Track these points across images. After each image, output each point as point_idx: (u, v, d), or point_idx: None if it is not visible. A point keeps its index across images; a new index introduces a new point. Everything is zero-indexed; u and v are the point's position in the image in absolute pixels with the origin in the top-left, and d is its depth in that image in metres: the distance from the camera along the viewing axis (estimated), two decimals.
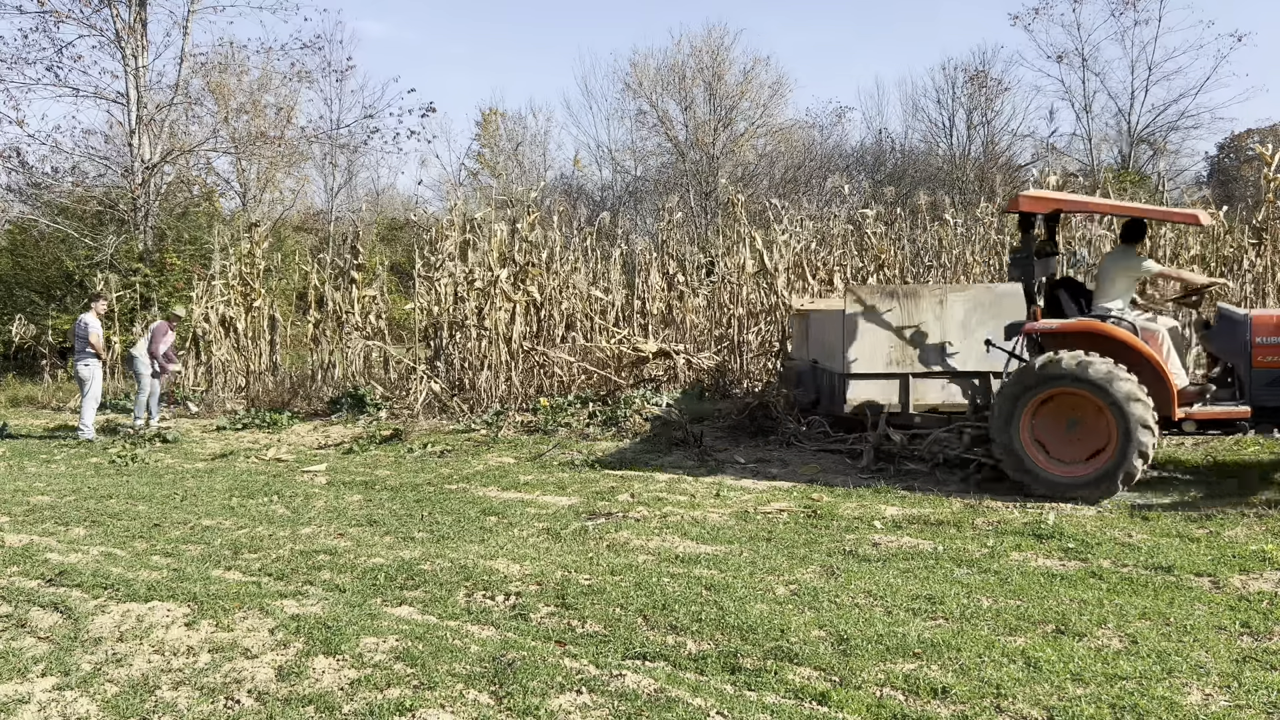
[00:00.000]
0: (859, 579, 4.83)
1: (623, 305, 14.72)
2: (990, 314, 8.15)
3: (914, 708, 3.36)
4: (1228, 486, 6.61)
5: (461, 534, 6.17)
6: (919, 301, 8.40)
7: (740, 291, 13.84)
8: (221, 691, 3.76)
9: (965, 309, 8.34)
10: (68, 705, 3.70)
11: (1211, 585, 4.57)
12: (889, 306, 8.37)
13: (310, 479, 8.54)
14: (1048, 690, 3.45)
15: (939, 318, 8.35)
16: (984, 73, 34.56)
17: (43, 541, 6.35)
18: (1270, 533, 5.42)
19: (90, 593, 5.06)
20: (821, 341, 9.49)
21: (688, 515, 6.44)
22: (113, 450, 10.54)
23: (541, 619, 4.44)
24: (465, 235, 13.63)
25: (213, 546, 6.05)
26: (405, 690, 3.67)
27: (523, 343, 12.77)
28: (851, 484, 7.24)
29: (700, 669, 3.78)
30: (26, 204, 23.07)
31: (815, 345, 9.79)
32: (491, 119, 38.98)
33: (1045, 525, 5.70)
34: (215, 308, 15.59)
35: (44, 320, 19.98)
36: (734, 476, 7.86)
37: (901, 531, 5.81)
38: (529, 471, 8.41)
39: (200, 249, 20.33)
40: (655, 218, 25.05)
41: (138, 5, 21.40)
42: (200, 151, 24.06)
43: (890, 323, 8.40)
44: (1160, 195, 22.61)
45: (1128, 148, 33.83)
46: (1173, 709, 3.27)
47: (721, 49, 34.38)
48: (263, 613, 4.61)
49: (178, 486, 8.32)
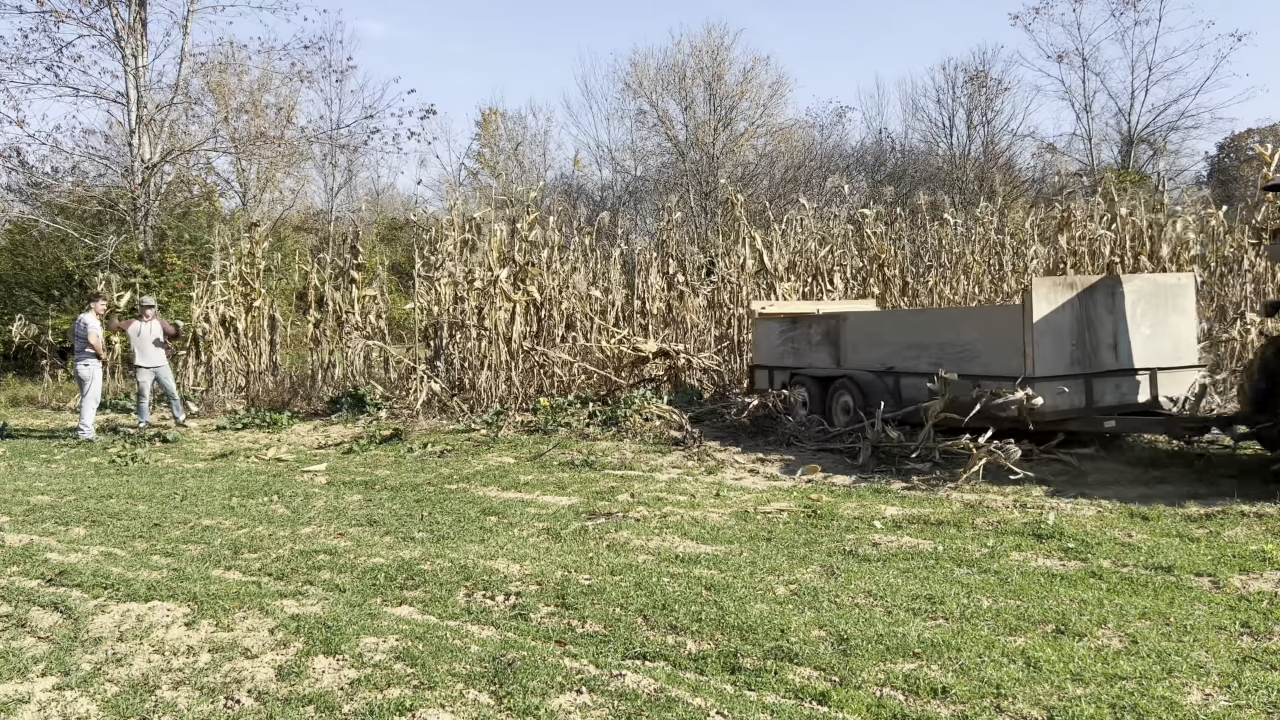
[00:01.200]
0: (859, 579, 4.83)
1: (623, 305, 14.72)
2: (1152, 306, 7.85)
3: (914, 708, 3.36)
4: (1226, 486, 6.61)
5: (461, 534, 6.17)
6: (1095, 294, 7.75)
7: (740, 291, 13.85)
8: (221, 691, 3.76)
9: (1135, 300, 7.85)
10: (68, 705, 3.70)
11: (1211, 585, 4.57)
12: (1066, 299, 7.65)
13: (310, 479, 8.54)
14: (1048, 690, 3.45)
15: (1111, 311, 7.79)
16: (984, 73, 34.58)
17: (43, 541, 6.35)
18: (1270, 533, 5.42)
19: (90, 593, 5.06)
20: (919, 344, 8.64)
21: (688, 515, 6.44)
22: (113, 450, 10.54)
23: (541, 619, 4.44)
24: (465, 235, 13.63)
25: (213, 546, 6.05)
26: (405, 690, 3.67)
27: (523, 343, 12.77)
28: (853, 483, 7.24)
29: (700, 669, 3.78)
30: (26, 204, 23.07)
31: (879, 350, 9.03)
32: (491, 119, 39.00)
33: (1045, 525, 5.70)
34: (215, 308, 15.59)
35: (44, 320, 19.98)
36: (734, 476, 7.86)
37: (901, 531, 5.81)
38: (529, 471, 8.41)
39: (200, 249, 20.32)
40: (655, 218, 25.05)
41: (138, 5, 21.40)
42: (200, 151, 24.08)
43: (1076, 318, 7.67)
44: (1160, 195, 22.60)
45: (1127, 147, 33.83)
46: (1173, 709, 3.27)
47: (721, 49, 34.40)
48: (263, 613, 4.61)
49: (178, 486, 8.32)
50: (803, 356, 10.17)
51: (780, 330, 10.57)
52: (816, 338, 9.98)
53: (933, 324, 8.95)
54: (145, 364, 12.34)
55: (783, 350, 10.49)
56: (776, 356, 10.56)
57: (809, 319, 10.29)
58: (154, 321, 12.48)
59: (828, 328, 9.82)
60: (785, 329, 10.50)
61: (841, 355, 9.61)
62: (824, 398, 9.51)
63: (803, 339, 10.19)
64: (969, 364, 8.02)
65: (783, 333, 10.52)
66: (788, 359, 10.40)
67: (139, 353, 12.33)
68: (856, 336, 9.48)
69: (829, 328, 9.81)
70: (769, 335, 10.76)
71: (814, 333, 10.01)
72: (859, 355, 9.40)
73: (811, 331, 10.06)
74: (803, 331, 10.21)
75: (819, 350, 9.94)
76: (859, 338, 9.46)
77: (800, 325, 10.32)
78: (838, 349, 9.68)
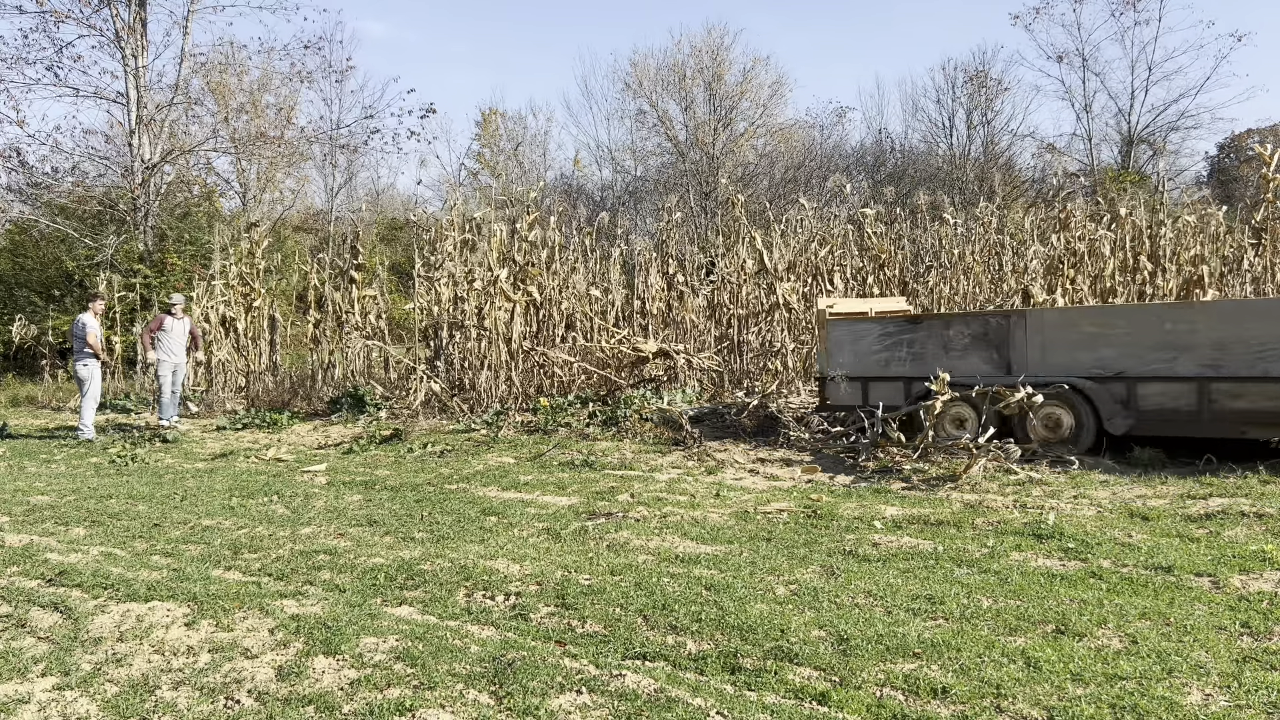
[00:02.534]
0: (859, 579, 4.83)
1: (622, 305, 14.73)
2: None
3: (914, 708, 3.36)
4: (1226, 486, 6.60)
5: (461, 534, 6.17)
6: None
7: (740, 291, 13.85)
8: (221, 691, 3.76)
9: None
10: (68, 705, 3.70)
11: (1211, 585, 4.57)
12: None
13: (310, 479, 8.54)
14: (1048, 690, 3.45)
15: None
16: (984, 73, 34.60)
17: (43, 541, 6.35)
18: (1270, 533, 5.42)
19: (90, 593, 5.06)
20: (1177, 344, 7.45)
21: (688, 515, 6.44)
22: (113, 450, 10.54)
23: (541, 619, 4.44)
24: (465, 235, 13.64)
25: (213, 546, 6.05)
26: (405, 690, 3.67)
27: (523, 343, 12.78)
28: (853, 483, 7.24)
29: (700, 669, 3.78)
30: (26, 204, 23.10)
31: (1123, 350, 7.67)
32: (491, 119, 39.01)
33: (1045, 525, 5.70)
34: (215, 308, 15.60)
35: (44, 320, 19.99)
36: (734, 476, 7.86)
37: (901, 531, 5.81)
38: (529, 471, 8.41)
39: (200, 249, 20.34)
40: (655, 218, 25.06)
41: (137, 5, 21.42)
42: (200, 151, 24.10)
43: None
44: (1160, 195, 22.61)
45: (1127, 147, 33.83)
46: (1173, 709, 3.27)
47: (721, 49, 34.43)
48: (263, 613, 4.61)
49: (178, 486, 8.32)
50: (931, 363, 8.46)
51: (881, 332, 8.89)
52: (964, 340, 8.39)
53: (1205, 318, 7.48)
54: (170, 359, 12.51)
55: (887, 357, 8.80)
56: (875, 365, 8.81)
57: (946, 317, 8.84)
58: (184, 319, 12.84)
59: (987, 327, 8.31)
60: (892, 330, 8.84)
61: (1016, 360, 8.13)
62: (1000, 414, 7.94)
63: (932, 342, 8.57)
64: (1274, 364, 7.02)
65: (887, 335, 8.85)
66: (898, 367, 8.74)
67: (165, 348, 12.49)
68: (1050, 336, 8.00)
69: (989, 327, 8.30)
70: (856, 339, 9.03)
71: (957, 333, 8.44)
72: (1053, 359, 7.96)
73: (952, 332, 8.47)
74: (932, 333, 8.60)
75: (969, 355, 8.36)
76: (1053, 337, 7.99)
77: (927, 325, 8.71)
78: (1007, 352, 8.18)
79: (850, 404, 9.00)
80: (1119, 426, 7.56)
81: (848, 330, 9.15)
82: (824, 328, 9.34)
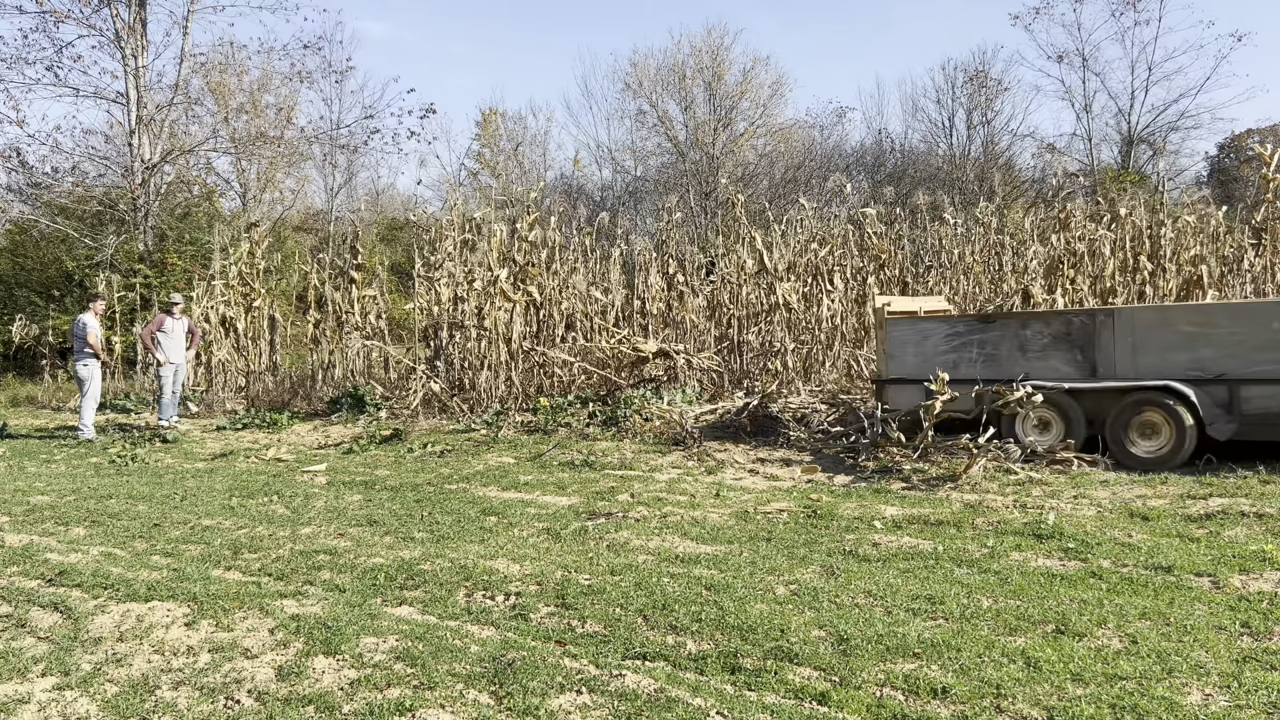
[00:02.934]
0: (859, 579, 4.83)
1: (623, 305, 14.73)
2: None
3: (914, 708, 3.36)
4: (1226, 486, 6.60)
5: (461, 534, 6.17)
6: None
7: (740, 291, 13.85)
8: (221, 691, 3.76)
9: None
10: (68, 705, 3.70)
11: (1211, 585, 4.57)
12: None
13: (310, 479, 8.54)
14: (1048, 690, 3.45)
15: None
16: (984, 73, 34.59)
17: (43, 541, 6.35)
18: (1270, 533, 5.42)
19: (90, 593, 5.06)
20: None
21: (688, 515, 6.44)
22: (113, 450, 10.55)
23: (541, 619, 4.44)
24: (465, 235, 13.64)
25: (213, 546, 6.05)
26: (405, 690, 3.67)
27: (522, 343, 12.78)
28: (853, 483, 7.24)
29: (700, 669, 3.78)
30: (26, 204, 23.11)
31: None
32: (491, 119, 39.01)
33: (1045, 525, 5.70)
34: (215, 308, 15.60)
35: (44, 320, 20.00)
36: (734, 476, 7.86)
37: (901, 531, 5.81)
38: (529, 471, 8.41)
39: (200, 249, 20.35)
40: (655, 218, 25.06)
41: (137, 5, 21.43)
42: (200, 151, 24.11)
43: None
44: (1160, 195, 22.62)
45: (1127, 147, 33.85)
46: (1173, 709, 3.27)
47: (721, 49, 34.44)
48: (263, 613, 4.62)
49: (178, 486, 8.32)
50: (1006, 365, 8.12)
51: (949, 332, 8.44)
52: (1043, 340, 7.97)
53: None
54: (171, 360, 12.52)
55: (955, 358, 8.35)
56: (941, 367, 8.25)
57: (1023, 316, 8.37)
58: (183, 319, 12.89)
59: (1070, 326, 7.87)
60: (962, 330, 8.38)
61: (1102, 362, 7.70)
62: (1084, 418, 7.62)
63: (1006, 342, 8.14)
64: None
65: (955, 335, 8.40)
66: (967, 368, 8.30)
67: (167, 349, 12.51)
68: (1142, 336, 7.54)
69: (1072, 326, 7.86)
70: (921, 340, 8.55)
71: (1036, 333, 8.00)
72: (1145, 360, 7.53)
73: (1030, 332, 8.03)
74: (1007, 332, 8.15)
75: (1048, 356, 7.95)
76: (1145, 338, 7.54)
77: (1001, 325, 8.24)
78: (1093, 353, 7.75)
79: (914, 408, 8.30)
80: (1222, 432, 7.16)
81: (911, 330, 8.66)
82: (883, 327, 8.82)
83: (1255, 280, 13.82)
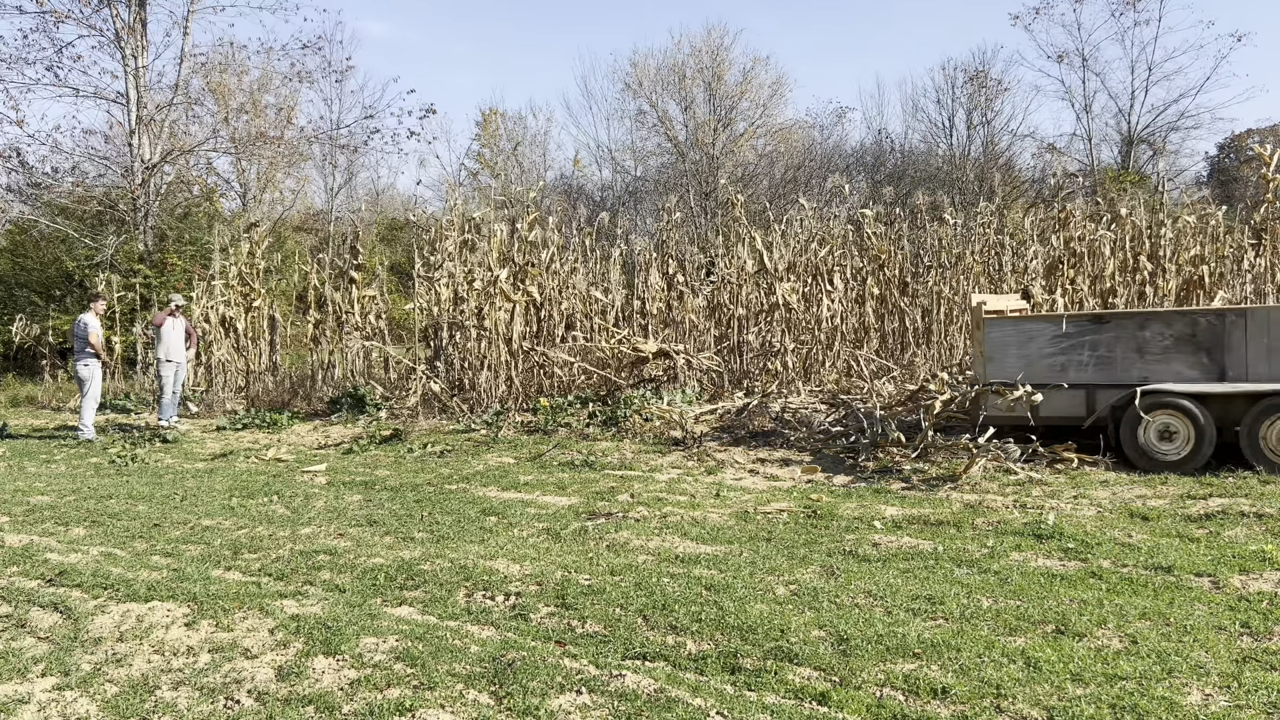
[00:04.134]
0: (859, 579, 4.83)
1: (622, 305, 14.72)
2: None
3: (914, 708, 3.36)
4: (1226, 486, 6.60)
5: (461, 534, 6.17)
6: None
7: (740, 291, 13.85)
8: (221, 691, 3.76)
9: None
10: (68, 705, 3.70)
11: (1211, 585, 4.57)
12: None
13: (310, 479, 8.54)
14: (1048, 690, 3.45)
15: None
16: (984, 73, 34.58)
17: (43, 541, 6.35)
18: (1270, 533, 5.42)
19: (90, 593, 5.06)
20: None
21: (688, 515, 6.44)
22: (112, 450, 10.54)
23: (541, 619, 4.44)
24: (465, 235, 13.64)
25: (213, 546, 6.05)
26: (405, 690, 3.67)
27: (522, 343, 12.78)
28: (853, 484, 7.24)
29: (700, 669, 3.78)
30: (26, 204, 23.10)
31: None
32: (491, 119, 39.01)
33: (1045, 525, 5.70)
34: (215, 308, 15.60)
35: (44, 320, 19.99)
36: (734, 477, 7.86)
37: (901, 531, 5.81)
38: (529, 471, 8.41)
39: (200, 249, 20.34)
40: (655, 218, 25.07)
41: (137, 5, 21.42)
42: (200, 151, 24.10)
43: None
44: (1160, 196, 22.62)
45: (1127, 148, 33.86)
46: (1173, 709, 3.27)
47: (721, 49, 34.43)
48: (263, 613, 4.62)
49: (178, 486, 8.32)
50: (1121, 369, 7.67)
51: (1056, 333, 7.90)
52: (1164, 341, 7.51)
53: None
54: (170, 359, 12.53)
55: (1064, 361, 7.85)
56: (1047, 371, 7.84)
57: (1142, 315, 7.82)
58: (180, 319, 12.87)
59: (1195, 327, 7.41)
60: (1072, 331, 7.86)
61: (1233, 364, 7.28)
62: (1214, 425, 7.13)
63: (1122, 344, 7.68)
64: None
65: (1064, 336, 7.88)
66: (1078, 373, 7.81)
67: (166, 348, 12.52)
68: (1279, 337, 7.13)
69: (1198, 327, 7.40)
70: (1025, 341, 7.98)
71: (1156, 334, 7.54)
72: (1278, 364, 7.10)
73: (1149, 333, 7.56)
74: (1123, 333, 7.69)
75: (1170, 359, 7.50)
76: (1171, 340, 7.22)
77: (1117, 325, 7.74)
78: (1221, 355, 7.33)
79: (1018, 418, 7.76)
80: None
81: (1014, 331, 8.05)
82: (980, 328, 8.16)
83: (1255, 280, 13.81)
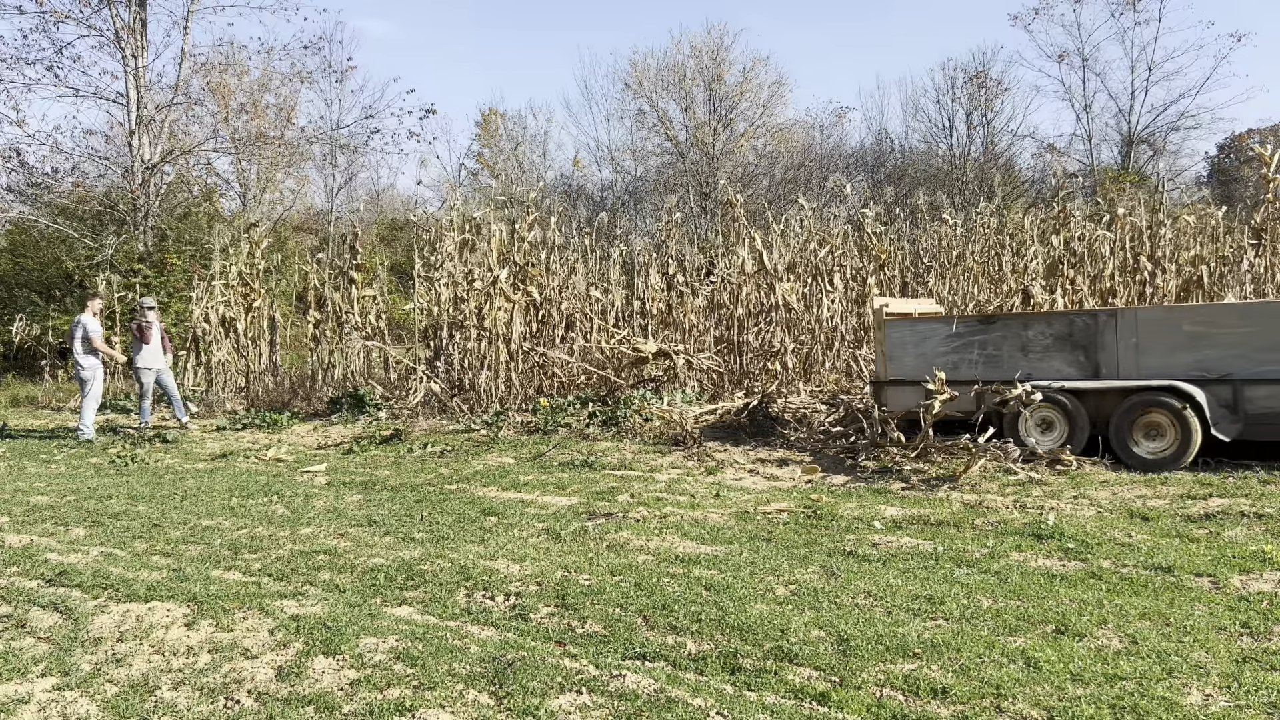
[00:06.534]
0: (859, 579, 4.83)
1: (622, 306, 14.73)
2: None
3: (914, 708, 3.36)
4: (1226, 486, 6.61)
5: (461, 534, 6.17)
6: None
7: (740, 292, 13.85)
8: (221, 691, 3.76)
9: None
10: (68, 705, 3.70)
11: (1211, 585, 4.57)
12: None
13: (310, 479, 8.54)
14: (1048, 690, 3.45)
15: None
16: (984, 73, 34.62)
17: (43, 541, 6.35)
18: (1270, 533, 5.42)
19: (90, 593, 5.06)
20: None
21: (688, 515, 6.44)
22: (113, 451, 10.54)
23: (541, 619, 4.44)
24: (465, 236, 13.64)
25: (213, 546, 6.05)
26: (405, 690, 3.67)
27: (522, 343, 12.78)
28: (853, 484, 7.24)
29: (700, 669, 3.78)
30: (26, 204, 23.11)
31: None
32: (491, 119, 39.03)
33: (1045, 525, 5.70)
34: (215, 308, 15.60)
35: (44, 320, 20.00)
36: (734, 477, 7.86)
37: (901, 531, 5.81)
38: (529, 472, 8.41)
39: (200, 249, 20.35)
40: (655, 218, 25.07)
41: (137, 5, 21.44)
42: (200, 152, 24.12)
43: None
44: (1160, 196, 22.61)
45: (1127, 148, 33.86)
46: (1173, 709, 3.27)
47: (721, 49, 34.47)
48: (263, 613, 4.61)
49: (178, 487, 8.32)
50: (1007, 366, 8.13)
51: (949, 333, 8.41)
52: (1045, 340, 7.99)
53: None
54: (148, 364, 12.37)
55: (956, 360, 8.35)
56: (941, 368, 8.18)
57: (1025, 317, 8.44)
58: (155, 322, 12.58)
59: (1072, 327, 7.90)
60: (963, 331, 8.34)
61: (1105, 362, 7.73)
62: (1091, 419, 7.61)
63: (1008, 343, 8.16)
64: None
65: (956, 336, 8.37)
66: (969, 370, 8.28)
67: (143, 353, 12.37)
68: (1146, 336, 7.58)
69: (1074, 327, 7.89)
70: (920, 341, 8.55)
71: (1038, 334, 8.02)
72: (1149, 361, 7.56)
73: (1032, 333, 8.05)
74: (1009, 333, 8.17)
75: (1050, 357, 7.96)
76: (1149, 338, 7.58)
77: (1003, 325, 8.25)
78: (1095, 354, 7.78)
79: (913, 409, 8.19)
80: (1227, 432, 7.19)
81: (910, 331, 8.66)
82: (881, 329, 8.81)
83: (1256, 280, 13.81)
